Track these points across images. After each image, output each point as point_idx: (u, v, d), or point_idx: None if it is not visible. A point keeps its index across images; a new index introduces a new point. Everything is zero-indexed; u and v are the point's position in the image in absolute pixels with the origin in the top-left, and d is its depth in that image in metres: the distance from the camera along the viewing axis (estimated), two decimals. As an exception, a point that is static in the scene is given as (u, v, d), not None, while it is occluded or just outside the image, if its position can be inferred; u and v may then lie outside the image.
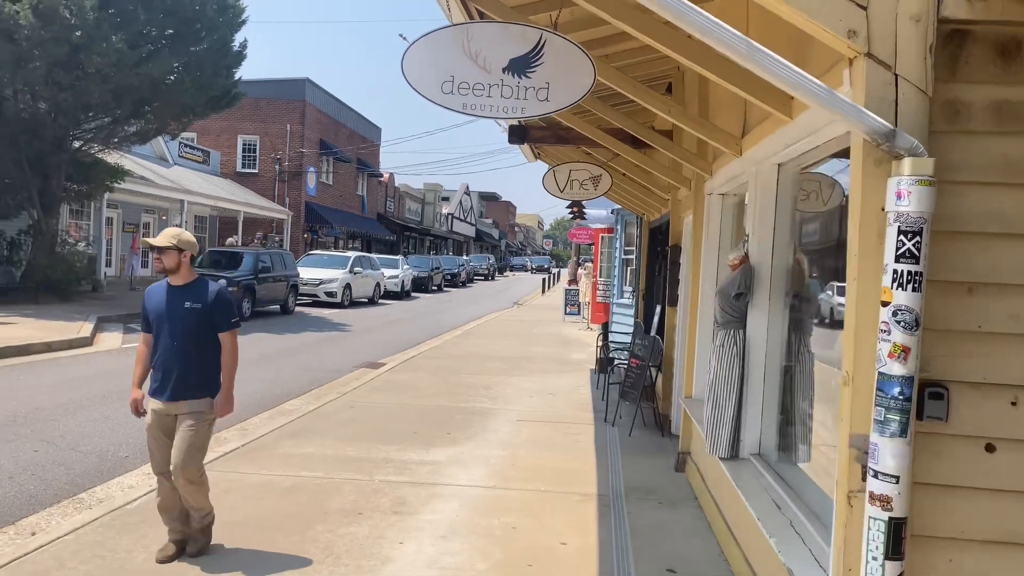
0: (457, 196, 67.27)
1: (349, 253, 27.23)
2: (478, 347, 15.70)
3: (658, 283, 12.14)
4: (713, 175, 6.46)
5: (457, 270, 42.90)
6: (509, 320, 23.28)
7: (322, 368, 12.66)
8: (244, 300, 18.88)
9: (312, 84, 36.95)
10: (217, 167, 34.75)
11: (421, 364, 13.05)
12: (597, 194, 8.88)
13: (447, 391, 10.57)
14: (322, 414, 8.85)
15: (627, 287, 14.48)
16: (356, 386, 10.75)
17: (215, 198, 28.90)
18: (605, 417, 9.07)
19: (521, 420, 8.91)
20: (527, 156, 11.97)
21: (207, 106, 20.18)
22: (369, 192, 45.21)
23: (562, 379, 12.02)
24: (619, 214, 14.57)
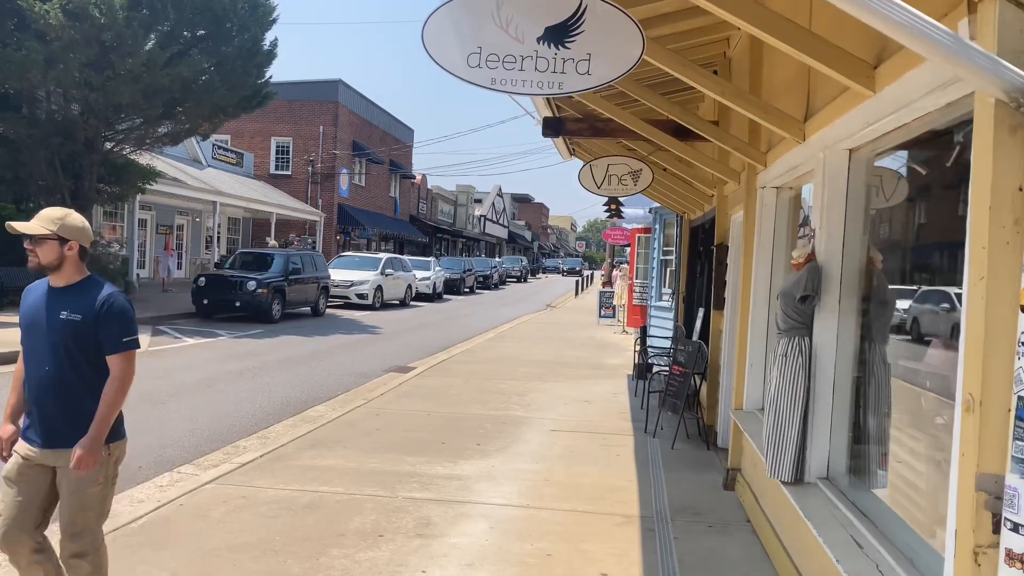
0: (490, 198, 66.92)
1: (380, 255, 26.96)
2: (510, 351, 15.21)
3: (699, 285, 11.54)
4: (767, 166, 5.89)
5: (489, 272, 42.49)
6: (542, 323, 22.77)
7: (350, 372, 12.28)
8: (274, 302, 18.65)
9: (345, 85, 36.83)
10: (251, 169, 34.78)
11: (451, 368, 12.60)
12: (637, 190, 8.33)
13: (478, 398, 10.10)
14: (347, 422, 8.43)
15: (666, 289, 13.88)
16: (383, 391, 10.33)
17: (247, 199, 28.85)
18: (645, 427, 8.52)
19: (556, 430, 8.40)
20: (561, 152, 11.47)
21: (238, 106, 19.99)
22: (401, 194, 45.03)
23: (598, 385, 11.48)
24: (657, 213, 13.98)
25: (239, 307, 18.24)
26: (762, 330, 6.18)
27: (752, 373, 6.19)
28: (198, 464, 6.91)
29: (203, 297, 18.34)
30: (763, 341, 6.19)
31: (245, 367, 12.08)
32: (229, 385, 10.58)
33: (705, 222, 10.01)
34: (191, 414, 8.77)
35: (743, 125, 6.58)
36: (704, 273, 11.37)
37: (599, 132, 8.12)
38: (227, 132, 35.62)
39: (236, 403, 9.51)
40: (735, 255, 7.68)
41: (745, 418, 6.09)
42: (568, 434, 8.24)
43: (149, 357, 12.51)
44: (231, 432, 8.15)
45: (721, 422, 7.78)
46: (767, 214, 6.14)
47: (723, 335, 7.80)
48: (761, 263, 6.16)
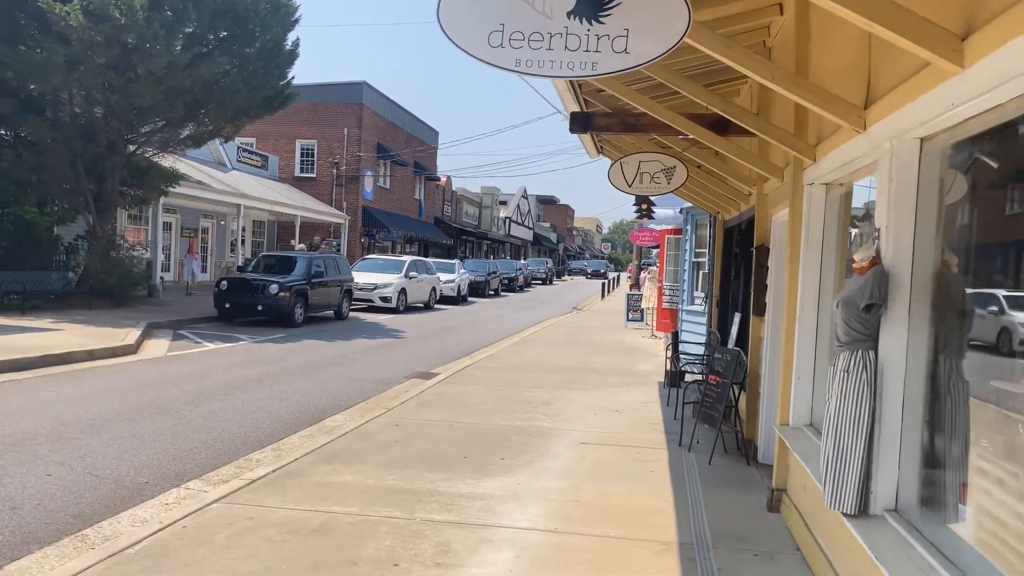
0: (515, 200, 66.53)
1: (404, 257, 26.65)
2: (536, 356, 14.77)
3: (734, 288, 11.02)
4: (816, 161, 5.39)
5: (514, 274, 42.08)
6: (568, 326, 22.30)
7: (371, 379, 11.92)
8: (297, 305, 18.39)
9: (369, 87, 36.65)
10: (275, 172, 34.71)
11: (475, 375, 12.19)
12: (670, 188, 7.86)
13: (502, 407, 9.67)
14: (365, 433, 8.04)
15: (698, 293, 13.36)
16: (405, 399, 9.94)
17: (271, 202, 28.72)
18: (680, 440, 8.03)
19: (584, 443, 7.94)
20: (588, 150, 11.01)
21: (260, 107, 19.80)
22: (426, 196, 44.79)
23: (628, 394, 10.99)
24: (689, 213, 13.46)
25: (261, 311, 18.00)
26: (810, 339, 5.68)
27: (800, 386, 5.70)
28: (208, 479, 6.56)
29: (225, 301, 18.13)
30: (811, 351, 5.69)
31: (264, 373, 11.77)
32: (246, 393, 10.26)
33: (742, 222, 9.50)
34: (205, 424, 8.44)
35: (787, 116, 6.09)
36: (740, 276, 10.85)
37: (630, 128, 7.67)
38: (252, 135, 35.66)
39: (252, 412, 9.17)
40: (777, 257, 7.18)
41: (792, 435, 5.60)
42: (597, 447, 7.78)
43: (167, 363, 12.26)
44: (245, 443, 7.81)
45: (762, 436, 7.28)
46: (815, 213, 5.65)
47: (764, 343, 7.29)
48: (809, 267, 5.67)
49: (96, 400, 9.18)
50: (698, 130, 6.69)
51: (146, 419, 8.40)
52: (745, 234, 9.39)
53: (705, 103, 5.54)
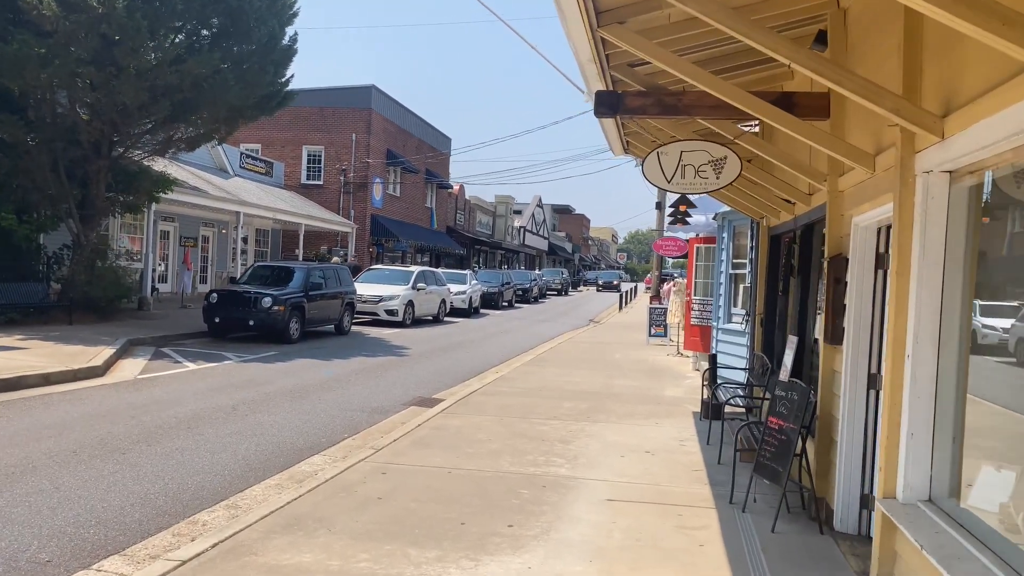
0: (529, 209, 65.12)
1: (412, 268, 25.25)
2: (551, 378, 13.26)
3: (782, 306, 9.47)
4: (945, 137, 3.88)
5: (529, 285, 40.60)
6: (586, 342, 20.77)
7: (364, 407, 10.46)
8: (292, 320, 17.00)
9: (378, 91, 35.40)
10: (281, 179, 33.49)
11: (482, 402, 10.69)
12: (720, 184, 6.34)
13: (512, 446, 8.17)
14: (343, 484, 6.57)
15: (737, 309, 11.81)
16: (398, 436, 8.46)
17: (274, 210, 27.43)
18: (731, 496, 6.48)
19: (612, 499, 6.42)
20: (613, 145, 9.53)
21: (256, 107, 18.49)
22: (438, 204, 43.44)
23: (659, 428, 9.45)
24: (725, 219, 11.93)
25: (253, 326, 16.62)
26: (928, 384, 4.16)
27: (914, 447, 4.17)
28: (131, 556, 5.10)
29: (215, 315, 16.76)
30: (930, 401, 4.16)
31: (241, 400, 10.34)
32: (214, 425, 8.82)
33: (797, 228, 7.97)
34: (153, 469, 7.00)
35: (888, 76, 4.55)
36: (796, 292, 9.30)
37: (668, 109, 6.17)
38: (257, 141, 34.56)
39: (215, 452, 7.73)
40: (860, 272, 5.65)
41: (904, 515, 4.06)
42: (629, 506, 6.26)
43: (134, 388, 10.85)
44: (196, 498, 6.36)
45: (840, 496, 5.73)
46: (935, 211, 4.13)
47: (841, 378, 5.76)
48: (927, 285, 4.15)
49: (29, 437, 7.76)
50: (758, 105, 5.20)
51: (81, 464, 6.96)
52: (804, 241, 7.86)
53: (778, 53, 4.04)
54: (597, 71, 5.91)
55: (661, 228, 27.61)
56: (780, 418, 6.12)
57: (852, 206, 5.72)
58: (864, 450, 5.65)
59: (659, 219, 29.31)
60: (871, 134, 5.23)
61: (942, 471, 4.14)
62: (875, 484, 5.53)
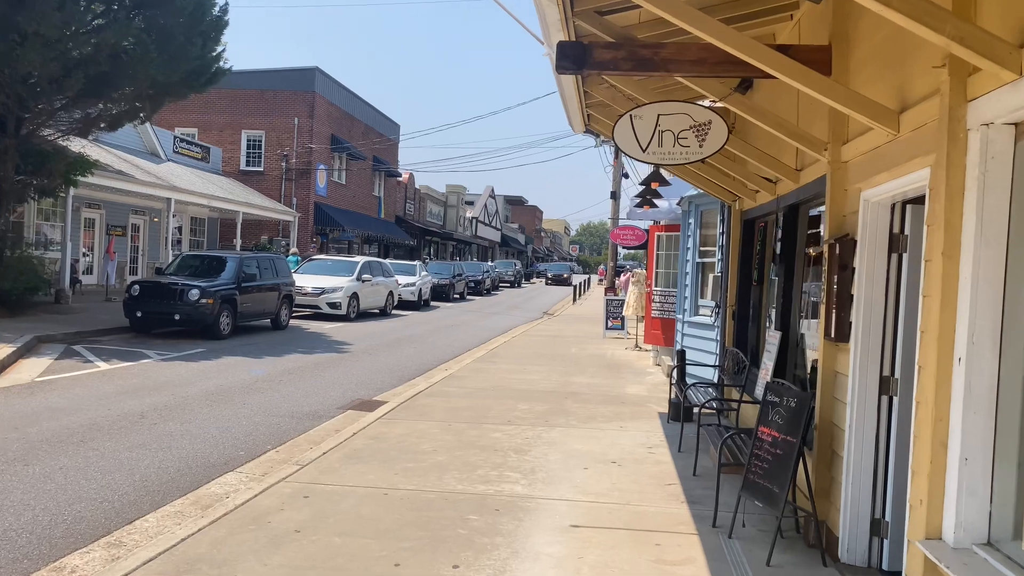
0: (482, 199, 63.99)
1: (357, 258, 23.95)
2: (505, 376, 12.26)
3: (756, 298, 8.63)
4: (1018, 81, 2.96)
5: (481, 277, 39.53)
6: (541, 335, 19.82)
7: (294, 412, 9.31)
8: (222, 314, 15.65)
9: (322, 74, 33.83)
10: (218, 164, 31.74)
11: (429, 405, 9.63)
12: (704, 154, 5.39)
13: (460, 458, 7.14)
14: (256, 513, 5.46)
15: (705, 301, 10.95)
16: (329, 448, 7.36)
17: (209, 197, 25.80)
18: (714, 519, 5.56)
19: (577, 525, 5.45)
20: (573, 120, 8.56)
21: (184, 84, 17.00)
22: (386, 193, 42.00)
23: (625, 432, 8.52)
24: (692, 203, 11.04)
25: (179, 320, 15.24)
26: (989, 394, 3.26)
27: (970, 474, 3.27)
28: (-40, 623, 3.94)
29: (136, 309, 15.32)
30: (990, 417, 3.26)
31: (153, 406, 9.09)
32: (113, 438, 7.59)
33: (780, 210, 7.10)
34: (21, 497, 5.78)
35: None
36: (765, 282, 8.46)
37: (643, 64, 5.18)
38: (193, 125, 32.79)
39: (106, 472, 6.53)
40: (871, 256, 4.76)
41: (959, 562, 3.16)
42: (597, 534, 5.29)
43: (28, 393, 9.50)
44: (70, 533, 5.19)
45: (847, 522, 4.84)
46: (998, 173, 3.23)
47: (847, 382, 4.86)
48: (986, 269, 3.25)
49: None
50: (758, 51, 4.24)
51: (-69, 493, 5.71)
52: (788, 224, 6.98)
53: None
54: (559, 16, 4.91)
55: (616, 217, 26.85)
56: (774, 428, 5.21)
57: (861, 178, 4.82)
58: (875, 467, 4.78)
59: (614, 209, 28.55)
60: (890, 87, 4.33)
61: (1005, 506, 3.25)
62: (887, 508, 4.68)
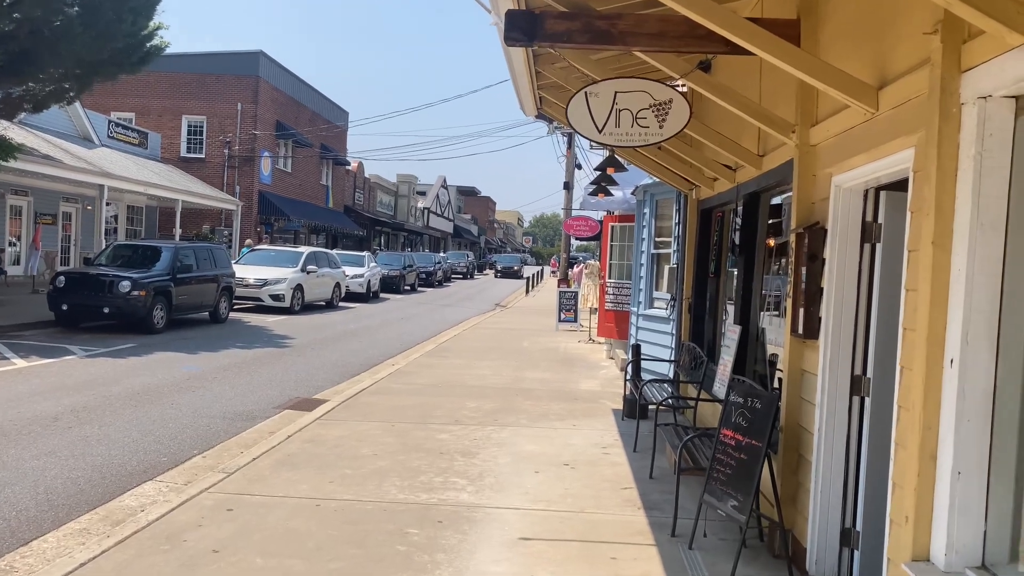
0: (433, 189, 63.17)
1: (302, 248, 23.17)
2: (454, 371, 11.78)
3: (713, 288, 8.32)
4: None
5: (433, 268, 38.89)
6: (492, 328, 19.39)
7: (227, 412, 8.70)
8: (156, 307, 14.82)
9: (267, 58, 32.73)
10: (157, 151, 30.44)
11: (372, 403, 9.12)
12: (664, 136, 4.99)
13: (403, 463, 6.65)
14: (172, 530, 4.90)
15: (660, 293, 10.62)
16: (260, 452, 6.80)
17: (146, 184, 24.66)
18: (673, 528, 5.19)
19: (527, 538, 5.02)
20: (524, 101, 8.13)
21: (113, 63, 16.04)
22: (335, 182, 41.00)
23: (578, 432, 8.14)
24: (647, 193, 10.71)
25: (109, 314, 14.38)
26: (985, 401, 2.92)
27: (963, 490, 2.92)
28: None
29: (62, 302, 14.40)
30: (986, 426, 2.92)
31: (70, 407, 8.39)
32: (20, 444, 6.91)
33: (740, 198, 6.76)
34: (-97, 517, 5.12)
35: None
36: (722, 273, 8.15)
37: (600, 37, 4.75)
38: (130, 109, 31.43)
39: (6, 484, 5.88)
40: (842, 247, 4.42)
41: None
42: (548, 547, 4.88)
43: (-71, 394, 8.70)
44: (-48, 559, 4.56)
45: (815, 532, 4.51)
46: (997, 152, 2.88)
47: (817, 381, 4.53)
48: (982, 260, 2.90)
49: None
50: (729, 19, 3.84)
51: None
52: (749, 213, 6.65)
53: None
54: (507, -18, 4.46)
55: (570, 208, 26.53)
56: (738, 431, 4.85)
57: (833, 162, 4.47)
58: (846, 473, 4.45)
59: (567, 199, 28.23)
60: (868, 61, 3.98)
61: (1001, 526, 2.92)
62: (859, 517, 4.35)
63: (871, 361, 4.29)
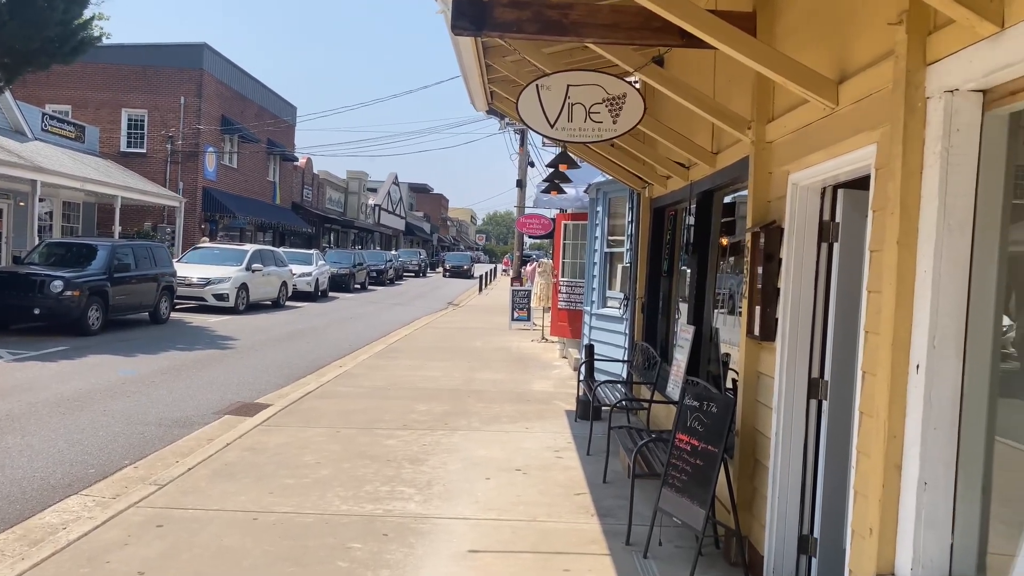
0: (385, 186, 62.40)
1: (246, 246, 22.53)
2: (404, 373, 11.49)
3: (666, 288, 8.22)
4: (1006, 27, 2.47)
5: (384, 266, 38.36)
6: (445, 327, 19.11)
7: (164, 418, 8.29)
8: (91, 307, 14.19)
9: (211, 51, 31.79)
10: (95, 145, 29.30)
11: (317, 408, 8.79)
12: (618, 131, 4.82)
13: (348, 471, 6.37)
14: (94, 550, 4.56)
15: (613, 292, 10.50)
16: (197, 462, 6.45)
17: (82, 179, 23.67)
18: (628, 536, 5.03)
19: (477, 550, 4.81)
20: (475, 96, 7.91)
21: (45, 52, 15.29)
22: (282, 178, 40.12)
23: (531, 435, 7.94)
24: (600, 191, 10.57)
25: (40, 315, 13.71)
26: (952, 408, 2.80)
27: (931, 501, 2.80)
28: None
29: (-11, 302, 13.68)
30: (953, 434, 2.80)
31: (-9, 417, 7.89)
32: (-67, 459, 6.43)
33: (693, 197, 6.64)
34: None
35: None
36: (674, 273, 8.05)
37: (551, 27, 4.54)
38: (67, 101, 30.24)
39: (-87, 503, 5.43)
40: (799, 246, 4.30)
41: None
42: (499, 560, 4.67)
43: None
44: None
45: (772, 539, 4.39)
46: (964, 148, 2.76)
47: (774, 384, 4.40)
48: (949, 261, 2.78)
49: None
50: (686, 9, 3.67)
51: None
52: (701, 212, 6.54)
53: None
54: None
55: (523, 206, 26.39)
56: (694, 436, 4.71)
57: (790, 159, 4.35)
58: (803, 478, 4.34)
59: (520, 197, 28.09)
60: (827, 55, 3.85)
61: (968, 537, 2.80)
62: (816, 523, 4.25)
63: (828, 364, 4.18)
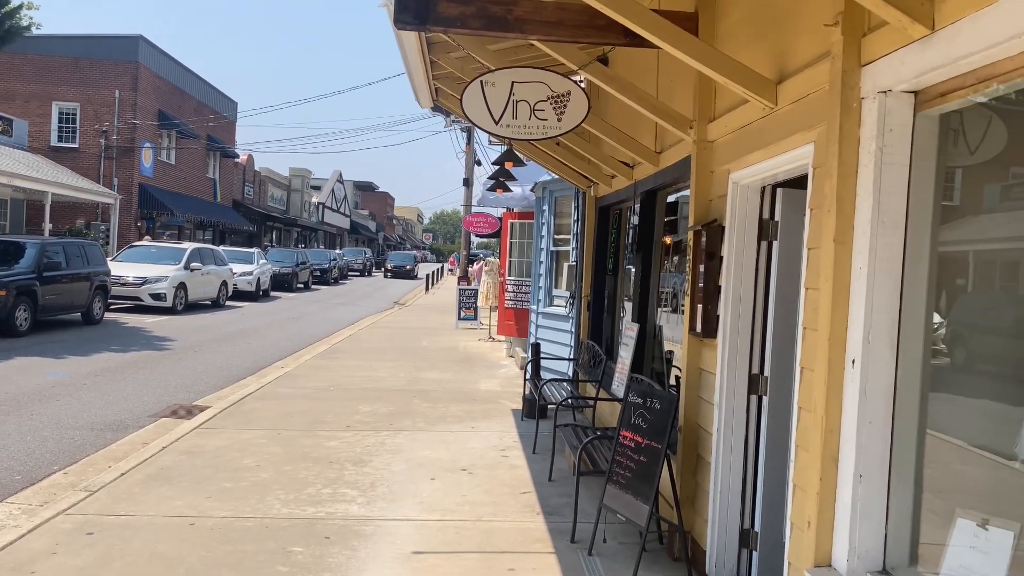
0: (329, 184, 61.51)
1: (184, 245, 21.94)
2: (349, 373, 11.33)
3: (611, 286, 8.28)
4: (936, 29, 2.53)
5: (328, 265, 37.79)
6: (390, 327, 18.92)
7: (95, 423, 7.99)
8: (19, 308, 13.63)
9: (147, 43, 30.86)
10: (23, 139, 28.15)
11: (257, 410, 8.59)
12: (562, 129, 4.81)
13: (288, 474, 6.24)
14: (16, 562, 4.36)
15: (559, 291, 10.53)
16: (131, 467, 6.23)
17: (8, 175, 22.71)
18: (572, 534, 5.04)
19: (421, 551, 4.75)
20: (420, 93, 7.82)
21: (-33, 41, 14.63)
22: (222, 175, 39.19)
23: (477, 434, 7.91)
24: (546, 190, 10.59)
25: (-37, 316, 13.09)
26: (886, 401, 2.86)
27: (865, 494, 2.86)
28: None
29: (-94, 303, 13.01)
30: (886, 429, 2.87)
31: (-92, 423, 7.49)
32: None
33: (638, 196, 6.69)
34: None
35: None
36: (619, 272, 8.12)
37: (495, 23, 4.51)
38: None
39: None
40: (740, 244, 4.37)
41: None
42: (443, 561, 4.62)
43: None
44: None
45: (715, 534, 4.45)
46: (897, 148, 2.83)
47: (715, 381, 4.46)
48: (883, 258, 2.84)
49: None
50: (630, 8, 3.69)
51: None
52: (645, 211, 6.60)
53: None
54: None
55: (469, 205, 26.30)
56: (637, 433, 4.74)
57: (731, 158, 4.41)
58: (744, 473, 4.41)
59: (467, 196, 28.00)
60: (766, 55, 3.91)
61: (901, 528, 2.87)
62: (756, 517, 4.32)
63: (768, 360, 4.26)
